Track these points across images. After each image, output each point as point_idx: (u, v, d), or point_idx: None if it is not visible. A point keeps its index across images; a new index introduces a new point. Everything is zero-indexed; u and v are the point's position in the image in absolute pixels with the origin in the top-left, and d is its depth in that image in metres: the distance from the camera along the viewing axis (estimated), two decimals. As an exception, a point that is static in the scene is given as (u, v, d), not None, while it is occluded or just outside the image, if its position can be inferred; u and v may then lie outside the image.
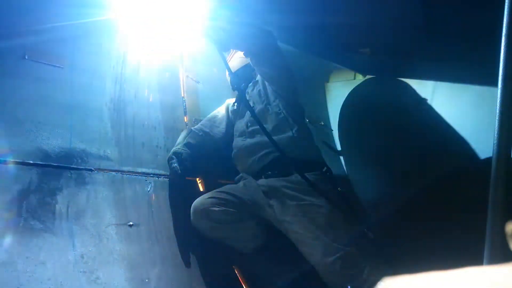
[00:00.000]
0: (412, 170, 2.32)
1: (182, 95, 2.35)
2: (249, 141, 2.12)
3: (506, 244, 0.62)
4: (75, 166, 1.66)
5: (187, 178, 2.07)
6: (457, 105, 2.24)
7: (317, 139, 2.41)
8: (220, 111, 2.37)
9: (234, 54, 2.34)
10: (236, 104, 2.33)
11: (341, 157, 2.91)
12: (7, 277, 1.28)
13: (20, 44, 1.59)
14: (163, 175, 2.04)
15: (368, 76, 2.80)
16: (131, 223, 1.76)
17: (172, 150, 2.06)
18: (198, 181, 2.15)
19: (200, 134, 2.20)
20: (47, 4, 1.69)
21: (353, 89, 2.86)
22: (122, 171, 1.85)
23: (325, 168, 2.07)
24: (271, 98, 2.14)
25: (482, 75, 1.95)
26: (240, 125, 2.23)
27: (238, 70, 2.30)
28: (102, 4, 1.87)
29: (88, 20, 1.78)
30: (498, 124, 0.87)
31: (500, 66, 0.88)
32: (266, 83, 2.16)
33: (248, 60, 2.13)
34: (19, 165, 1.47)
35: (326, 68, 3.12)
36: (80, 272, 1.48)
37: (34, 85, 1.64)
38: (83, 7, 1.77)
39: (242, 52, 2.10)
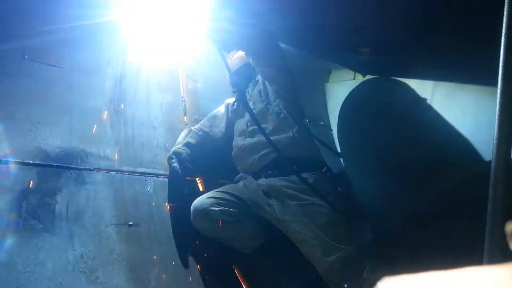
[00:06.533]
0: (412, 170, 2.32)
1: (182, 95, 2.35)
2: (249, 140, 2.12)
3: (506, 244, 0.62)
4: (75, 166, 1.67)
5: (187, 178, 2.07)
6: (457, 105, 2.24)
7: (317, 139, 2.41)
8: (220, 111, 2.37)
9: (234, 53, 2.33)
10: (235, 103, 2.33)
11: (341, 157, 2.91)
12: (7, 277, 1.28)
13: (20, 44, 1.60)
14: (163, 175, 2.04)
15: (368, 76, 2.80)
16: (131, 223, 1.76)
17: (172, 150, 2.06)
18: (198, 181, 2.14)
19: (200, 133, 2.20)
20: (47, 5, 1.69)
21: (353, 89, 2.86)
22: (121, 171, 1.85)
23: (325, 168, 2.07)
24: (272, 98, 2.14)
25: (482, 75, 1.94)
26: (240, 124, 2.22)
27: (238, 69, 2.29)
28: (102, 5, 1.87)
29: (88, 20, 1.78)
30: (498, 124, 0.87)
31: (500, 66, 0.88)
32: (267, 83, 2.16)
33: (248, 60, 2.12)
34: (19, 165, 1.48)
35: (326, 68, 3.12)
36: (80, 272, 1.48)
37: (34, 85, 1.64)
38: (83, 7, 1.77)
39: (242, 52, 2.10)
